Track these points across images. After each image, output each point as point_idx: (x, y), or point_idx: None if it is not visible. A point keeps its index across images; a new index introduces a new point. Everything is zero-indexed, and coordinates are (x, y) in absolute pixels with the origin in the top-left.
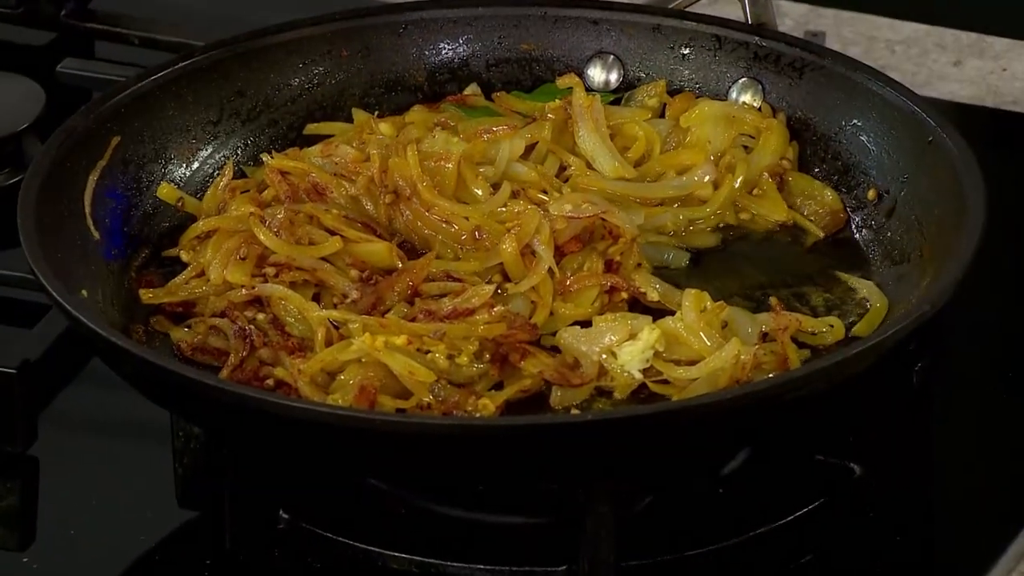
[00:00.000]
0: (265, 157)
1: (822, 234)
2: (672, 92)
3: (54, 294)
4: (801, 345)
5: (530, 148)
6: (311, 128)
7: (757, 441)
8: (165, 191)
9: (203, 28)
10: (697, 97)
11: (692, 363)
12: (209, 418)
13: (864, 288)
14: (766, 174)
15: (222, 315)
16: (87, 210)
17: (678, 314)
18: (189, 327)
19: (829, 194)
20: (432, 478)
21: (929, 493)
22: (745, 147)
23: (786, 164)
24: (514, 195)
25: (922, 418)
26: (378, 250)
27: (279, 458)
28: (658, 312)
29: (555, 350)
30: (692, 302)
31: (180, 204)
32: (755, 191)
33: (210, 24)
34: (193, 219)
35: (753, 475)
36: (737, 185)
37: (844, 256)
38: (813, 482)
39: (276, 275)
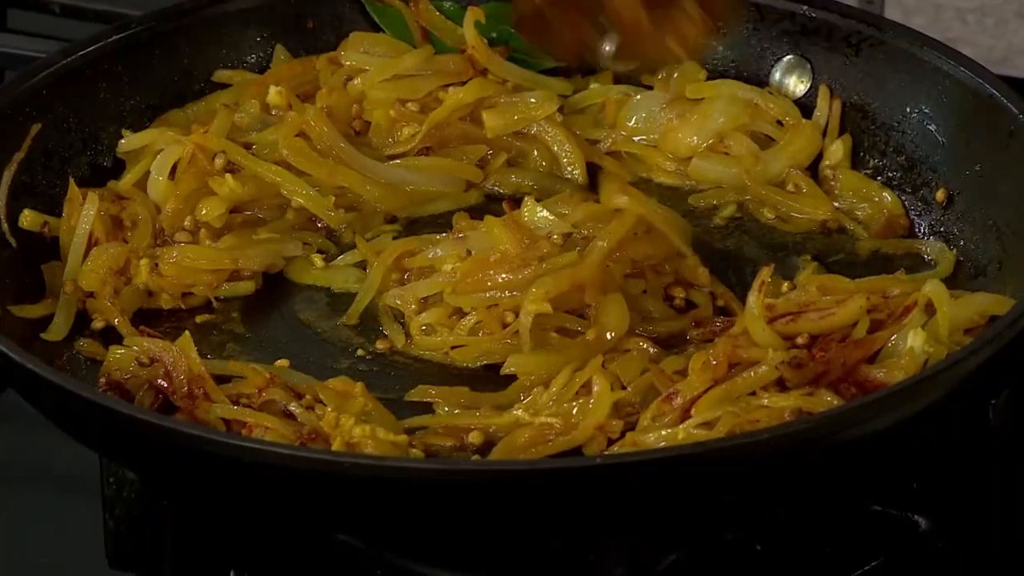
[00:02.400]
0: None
1: (877, 244)
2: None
3: None
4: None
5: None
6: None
7: (802, 489)
8: (29, 219)
9: None
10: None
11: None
12: (146, 461)
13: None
14: (795, 170)
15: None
16: (2, 212)
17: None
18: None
19: (888, 196)
20: (414, 533)
21: (1008, 550)
22: (771, 139)
23: (827, 172)
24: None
25: (999, 461)
26: None
27: (230, 508)
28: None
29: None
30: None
31: (46, 230)
32: (789, 187)
33: None
34: None
35: (798, 529)
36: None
37: (906, 269)
38: (870, 538)
39: None
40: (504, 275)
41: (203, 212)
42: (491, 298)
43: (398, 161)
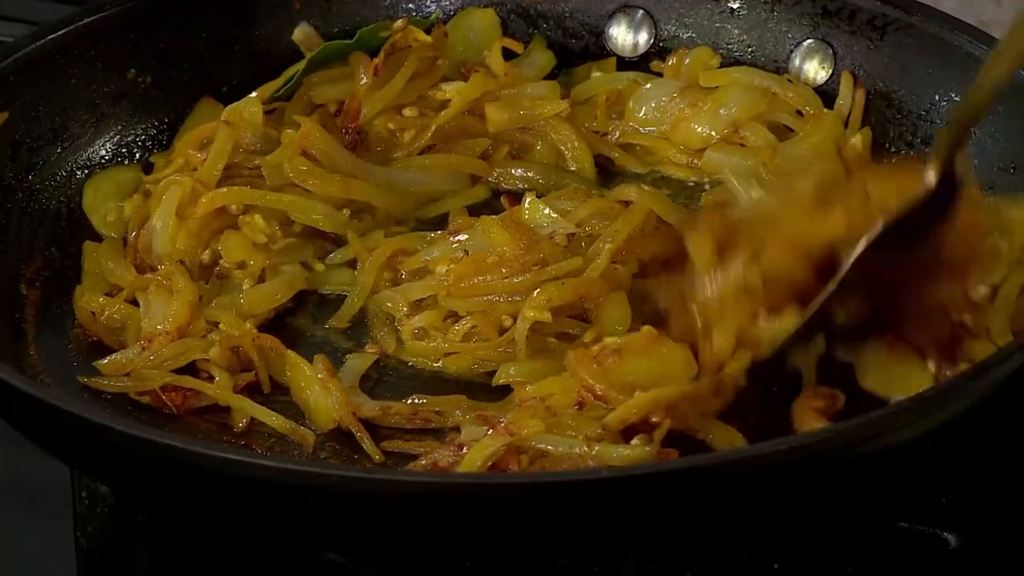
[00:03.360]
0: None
1: None
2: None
3: None
4: None
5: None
6: None
7: (823, 503)
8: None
9: None
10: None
11: None
12: (121, 474)
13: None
14: None
15: None
16: None
17: None
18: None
19: None
20: (408, 551)
21: None
22: (790, 130)
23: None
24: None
25: None
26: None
27: (210, 524)
28: None
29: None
30: None
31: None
32: None
33: None
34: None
35: (819, 547)
36: None
37: None
38: (896, 556)
39: None
40: (501, 279)
41: (231, 255)
42: (487, 303)
43: (401, 164)
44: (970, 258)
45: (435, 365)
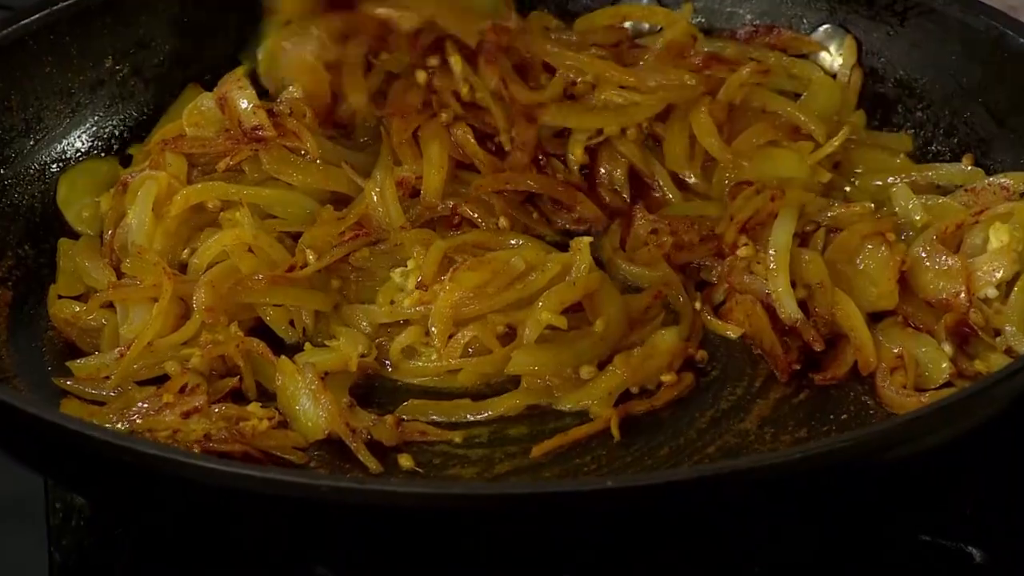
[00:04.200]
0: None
1: None
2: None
3: None
4: None
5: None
6: None
7: (836, 517)
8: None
9: None
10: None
11: None
12: (98, 485)
13: None
14: None
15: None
16: None
17: None
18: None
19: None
20: (402, 565)
21: None
22: None
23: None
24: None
25: None
26: None
27: (193, 538)
28: None
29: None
30: None
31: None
32: None
33: None
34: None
35: (837, 562)
36: None
37: None
38: (917, 571)
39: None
40: (488, 299)
41: (208, 254)
42: (488, 318)
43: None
44: None
45: (435, 382)
